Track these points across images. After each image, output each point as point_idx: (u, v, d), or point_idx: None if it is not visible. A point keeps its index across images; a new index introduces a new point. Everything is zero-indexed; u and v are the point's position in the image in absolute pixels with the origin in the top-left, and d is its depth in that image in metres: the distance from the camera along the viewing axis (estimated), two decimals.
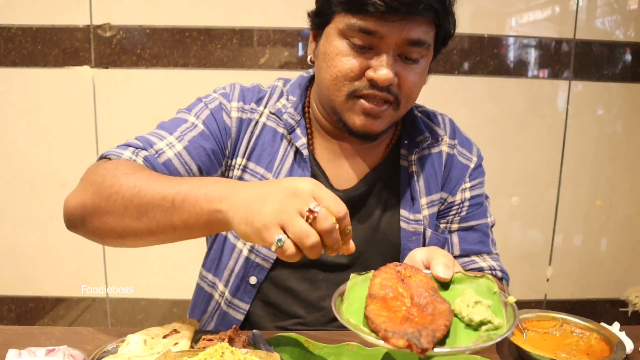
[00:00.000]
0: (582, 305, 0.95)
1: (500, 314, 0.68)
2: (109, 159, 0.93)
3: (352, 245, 0.73)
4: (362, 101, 0.94)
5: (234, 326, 0.85)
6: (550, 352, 0.84)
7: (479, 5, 2.02)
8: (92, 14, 1.92)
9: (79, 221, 0.88)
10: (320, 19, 0.97)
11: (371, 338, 0.60)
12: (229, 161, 1.05)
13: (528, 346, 0.84)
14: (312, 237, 0.66)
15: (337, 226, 0.68)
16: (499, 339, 0.62)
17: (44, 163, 2.02)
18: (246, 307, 1.06)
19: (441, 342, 0.61)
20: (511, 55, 2.07)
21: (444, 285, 0.75)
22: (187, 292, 1.17)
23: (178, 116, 1.04)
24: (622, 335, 0.91)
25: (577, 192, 2.18)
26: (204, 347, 0.75)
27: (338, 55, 0.93)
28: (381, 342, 0.59)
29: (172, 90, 1.97)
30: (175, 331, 0.89)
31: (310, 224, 0.66)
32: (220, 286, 1.08)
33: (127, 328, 0.89)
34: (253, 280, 1.05)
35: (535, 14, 2.07)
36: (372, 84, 0.92)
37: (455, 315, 0.68)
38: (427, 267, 0.79)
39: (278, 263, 1.05)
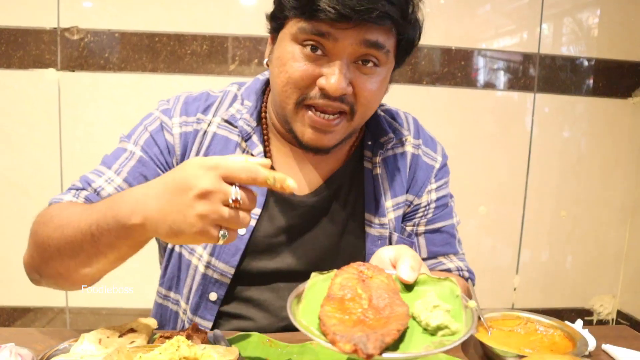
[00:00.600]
0: (548, 314, 0.96)
1: (461, 318, 0.66)
2: (52, 207, 0.92)
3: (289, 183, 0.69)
4: (311, 113, 0.89)
5: (193, 323, 0.82)
6: (514, 348, 0.84)
7: (447, 19, 2.06)
8: (59, 17, 1.89)
9: (36, 275, 0.89)
10: (275, 22, 0.93)
11: (320, 341, 0.59)
12: None
13: (493, 343, 0.84)
14: (247, 218, 0.70)
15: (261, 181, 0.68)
16: (451, 346, 0.60)
17: (5, 168, 1.96)
18: (209, 324, 1.01)
19: (394, 346, 0.60)
20: (478, 67, 2.11)
21: (409, 286, 0.74)
22: (150, 302, 1.13)
23: (119, 146, 1.01)
24: (585, 333, 0.91)
25: (542, 203, 2.22)
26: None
27: (290, 60, 0.88)
28: (329, 345, 0.57)
29: (140, 96, 1.94)
30: (132, 330, 0.85)
31: (239, 208, 0.68)
32: (182, 303, 1.04)
33: (82, 329, 0.85)
34: (213, 296, 1.00)
35: (502, 29, 2.12)
36: (324, 93, 0.87)
37: (414, 319, 0.67)
38: (395, 267, 0.77)
39: (238, 277, 1.00)
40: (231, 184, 0.68)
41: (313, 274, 0.73)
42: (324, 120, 0.90)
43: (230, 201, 0.67)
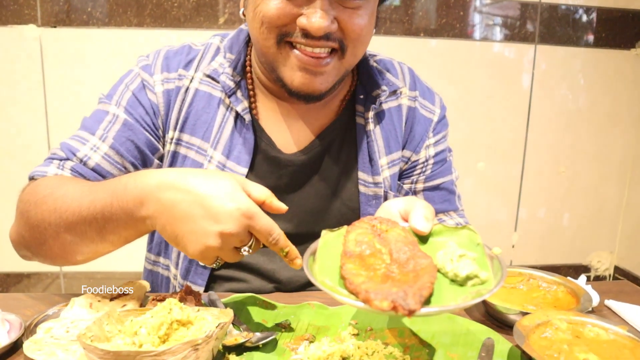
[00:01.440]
0: (546, 270, 0.97)
1: (486, 266, 0.62)
2: (35, 179, 0.88)
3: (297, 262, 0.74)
4: (297, 52, 0.83)
5: (185, 285, 0.79)
6: (518, 305, 0.82)
7: None
8: None
9: (25, 252, 0.87)
10: None
11: (350, 301, 0.54)
12: (167, 135, 0.96)
13: (495, 300, 0.82)
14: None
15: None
16: (488, 295, 0.56)
17: None
18: (200, 288, 0.98)
19: (426, 301, 0.55)
20: (477, 18, 2.04)
21: (423, 238, 0.69)
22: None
23: (99, 108, 0.95)
24: (589, 289, 0.89)
25: (541, 159, 2.20)
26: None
27: None
28: (362, 305, 0.53)
29: (125, 52, 1.87)
30: (124, 293, 0.83)
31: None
32: (172, 268, 1.01)
33: (77, 293, 0.83)
34: None
35: None
36: (305, 33, 0.81)
37: (439, 271, 0.62)
38: (405, 220, 0.73)
39: None
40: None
41: (323, 232, 0.68)
42: (313, 59, 0.83)
43: (242, 251, 0.70)
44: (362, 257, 0.61)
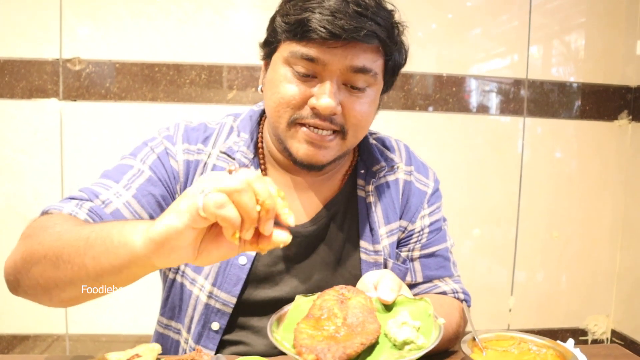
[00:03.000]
0: (544, 334, 0.98)
1: (430, 335, 0.71)
2: (50, 213, 0.88)
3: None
4: (304, 129, 0.93)
5: (197, 347, 0.85)
6: None
7: (438, 45, 2.13)
8: (61, 48, 1.94)
9: (14, 281, 0.82)
10: (268, 47, 0.98)
11: (289, 353, 0.64)
12: None
13: None
14: (236, 179, 0.60)
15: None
16: (413, 357, 0.66)
17: (8, 196, 1.98)
18: (211, 353, 1.02)
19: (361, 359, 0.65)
20: (469, 93, 2.17)
21: (388, 307, 0.79)
22: (150, 327, 1.15)
23: (122, 162, 1.00)
24: (577, 352, 0.94)
25: (535, 224, 2.26)
26: None
27: (282, 82, 0.92)
28: (297, 357, 0.63)
29: (140, 125, 1.98)
30: (137, 356, 0.87)
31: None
32: (184, 333, 1.05)
33: (87, 356, 0.87)
34: (215, 326, 1.01)
35: (492, 52, 2.19)
36: (315, 112, 0.91)
37: (386, 336, 0.71)
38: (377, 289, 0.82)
39: (240, 305, 1.01)
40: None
41: (297, 297, 0.78)
42: (318, 136, 0.93)
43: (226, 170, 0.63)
44: (318, 320, 0.71)
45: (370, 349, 0.67)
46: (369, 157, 1.10)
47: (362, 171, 1.09)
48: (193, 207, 0.60)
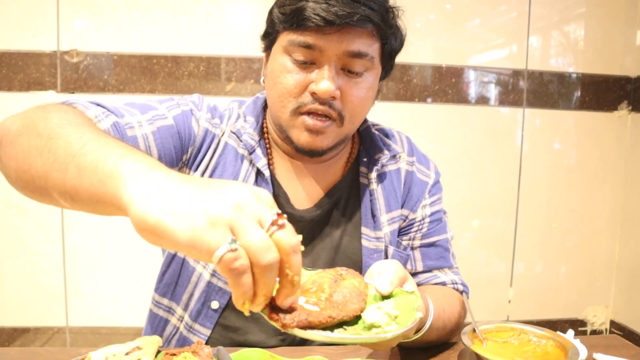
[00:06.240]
0: (543, 325, 0.98)
1: (404, 324, 0.70)
2: (74, 107, 0.82)
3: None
4: (305, 117, 0.95)
5: (197, 340, 0.85)
6: (509, 358, 0.87)
7: (437, 36, 2.12)
8: (59, 40, 1.93)
9: None
10: (267, 39, 1.00)
11: (263, 314, 0.60)
12: (187, 171, 1.03)
13: (488, 354, 0.87)
14: (273, 252, 0.51)
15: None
16: (360, 337, 0.65)
17: (5, 190, 1.97)
18: (207, 332, 1.03)
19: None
20: (468, 84, 2.17)
21: (386, 298, 0.78)
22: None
23: (148, 103, 0.99)
24: (577, 343, 0.94)
25: (534, 216, 2.26)
26: None
27: (282, 72, 0.95)
28: (266, 318, 0.60)
29: None
30: (138, 348, 0.88)
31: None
32: (179, 310, 1.05)
33: (87, 348, 0.87)
34: (215, 304, 1.02)
35: (491, 43, 2.18)
36: (315, 97, 0.94)
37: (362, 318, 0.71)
38: None
39: None
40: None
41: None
42: (316, 122, 0.95)
43: (272, 215, 0.53)
44: (305, 292, 0.70)
45: (344, 325, 0.67)
46: (371, 146, 1.11)
47: (365, 159, 1.11)
48: (207, 244, 0.49)
